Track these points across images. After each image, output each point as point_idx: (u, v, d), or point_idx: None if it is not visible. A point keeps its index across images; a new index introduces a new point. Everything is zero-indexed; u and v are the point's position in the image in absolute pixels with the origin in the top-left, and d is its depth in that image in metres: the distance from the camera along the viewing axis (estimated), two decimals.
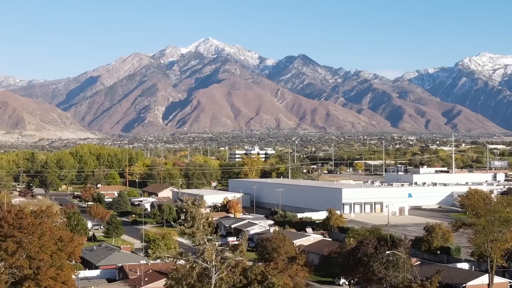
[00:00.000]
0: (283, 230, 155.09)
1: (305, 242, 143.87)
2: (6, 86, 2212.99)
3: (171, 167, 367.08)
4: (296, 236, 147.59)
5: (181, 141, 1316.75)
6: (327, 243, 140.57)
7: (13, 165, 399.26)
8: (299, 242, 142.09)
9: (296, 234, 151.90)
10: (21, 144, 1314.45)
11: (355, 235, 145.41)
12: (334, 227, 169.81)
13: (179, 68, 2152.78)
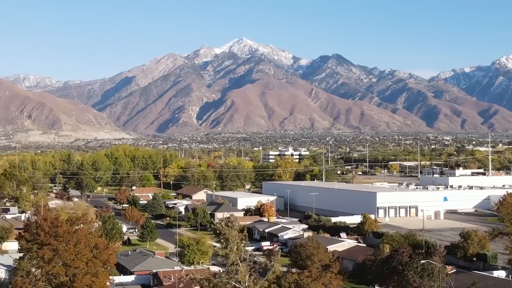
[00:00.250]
0: (317, 235, 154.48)
1: (339, 248, 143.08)
2: (43, 87, 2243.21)
3: (205, 169, 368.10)
4: (330, 242, 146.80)
5: (215, 141, 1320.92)
6: (361, 249, 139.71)
7: (49, 167, 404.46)
8: (333, 247, 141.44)
9: (330, 240, 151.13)
10: (57, 144, 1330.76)
11: (390, 241, 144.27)
12: (368, 232, 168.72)
13: (213, 69, 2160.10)
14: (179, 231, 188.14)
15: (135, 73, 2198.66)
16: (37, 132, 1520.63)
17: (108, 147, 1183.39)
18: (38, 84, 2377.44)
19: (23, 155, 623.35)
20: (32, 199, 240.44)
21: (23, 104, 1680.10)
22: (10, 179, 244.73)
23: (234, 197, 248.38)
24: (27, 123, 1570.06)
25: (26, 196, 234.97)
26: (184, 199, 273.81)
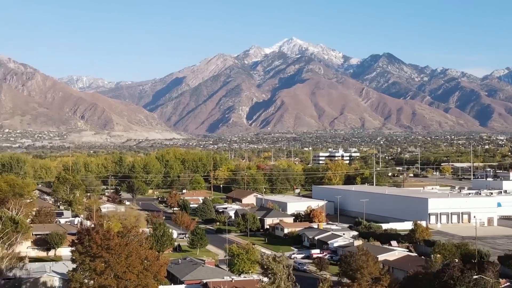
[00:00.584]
0: (367, 244, 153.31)
1: (390, 257, 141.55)
2: (95, 88, 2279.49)
3: (255, 171, 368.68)
4: (380, 251, 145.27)
5: (265, 141, 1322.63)
6: (412, 259, 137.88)
7: (102, 169, 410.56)
8: (384, 257, 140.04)
9: (380, 249, 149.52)
10: (109, 144, 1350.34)
11: (441, 251, 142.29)
12: (419, 240, 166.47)
13: (263, 69, 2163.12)
14: (229, 236, 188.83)
15: (186, 74, 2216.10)
16: (90, 132, 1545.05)
17: (159, 147, 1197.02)
18: (90, 85, 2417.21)
19: (76, 156, 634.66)
20: (84, 203, 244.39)
21: (76, 105, 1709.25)
22: (63, 183, 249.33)
23: (283, 201, 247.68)
24: (80, 124, 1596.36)
25: (79, 200, 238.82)
26: (234, 203, 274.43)
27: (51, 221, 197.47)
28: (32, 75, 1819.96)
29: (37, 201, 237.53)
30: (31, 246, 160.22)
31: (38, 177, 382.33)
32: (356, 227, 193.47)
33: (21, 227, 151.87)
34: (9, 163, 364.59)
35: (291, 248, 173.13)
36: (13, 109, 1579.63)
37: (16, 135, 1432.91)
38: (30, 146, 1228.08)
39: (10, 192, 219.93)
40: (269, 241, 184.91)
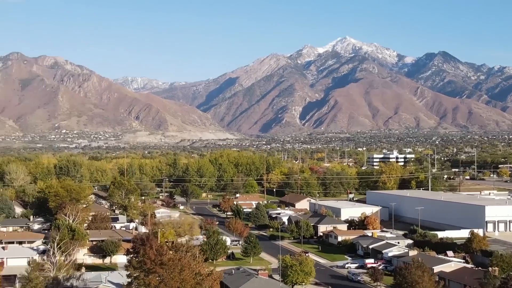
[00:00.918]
0: (422, 254, 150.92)
1: (446, 268, 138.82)
2: (149, 89, 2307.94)
3: (308, 175, 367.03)
4: (436, 262, 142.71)
5: (318, 141, 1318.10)
6: (469, 272, 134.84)
7: (156, 171, 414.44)
8: (439, 268, 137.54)
9: (436, 259, 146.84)
10: (163, 145, 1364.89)
11: (500, 262, 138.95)
12: (476, 250, 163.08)
13: (316, 68, 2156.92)
14: (282, 244, 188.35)
15: (239, 74, 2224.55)
16: (144, 132, 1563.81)
17: (213, 147, 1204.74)
18: (145, 86, 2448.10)
19: (131, 157, 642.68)
20: (139, 207, 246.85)
21: (131, 105, 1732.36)
22: (119, 188, 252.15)
23: (337, 207, 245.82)
24: (134, 124, 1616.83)
25: (134, 205, 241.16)
26: (287, 208, 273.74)
27: (107, 226, 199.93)
28: (88, 77, 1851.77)
29: (93, 206, 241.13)
30: (87, 253, 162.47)
31: (94, 179, 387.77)
32: (411, 235, 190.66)
33: (78, 234, 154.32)
34: (66, 166, 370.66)
35: (344, 257, 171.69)
36: (70, 110, 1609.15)
37: (73, 136, 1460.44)
38: (87, 147, 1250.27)
39: (67, 197, 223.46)
40: (322, 249, 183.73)
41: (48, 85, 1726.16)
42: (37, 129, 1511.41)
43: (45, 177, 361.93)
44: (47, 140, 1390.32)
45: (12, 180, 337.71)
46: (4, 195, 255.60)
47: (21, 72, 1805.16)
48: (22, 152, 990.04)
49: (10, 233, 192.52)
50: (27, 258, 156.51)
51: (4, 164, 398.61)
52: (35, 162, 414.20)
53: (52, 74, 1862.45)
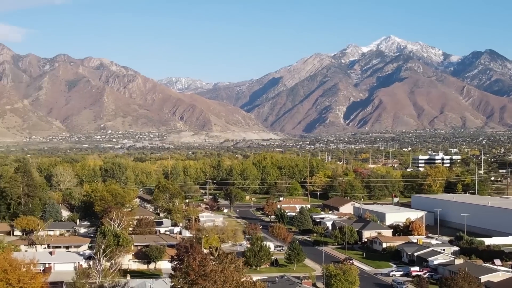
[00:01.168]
0: (468, 263, 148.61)
1: (493, 278, 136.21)
2: (193, 89, 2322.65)
3: (352, 178, 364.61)
4: (483, 271, 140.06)
5: (362, 141, 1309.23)
6: None
7: (200, 173, 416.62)
8: (486, 278, 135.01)
9: (483, 269, 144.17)
10: (207, 145, 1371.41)
11: None
12: None
13: (360, 68, 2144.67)
14: (326, 250, 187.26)
15: (282, 74, 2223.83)
16: (189, 133, 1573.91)
17: (256, 147, 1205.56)
18: (189, 87, 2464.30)
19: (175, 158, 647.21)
20: (183, 210, 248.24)
21: (175, 106, 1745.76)
22: (163, 192, 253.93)
23: (382, 212, 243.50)
24: (179, 125, 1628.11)
25: (178, 208, 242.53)
26: (331, 212, 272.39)
27: (151, 231, 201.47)
28: (133, 78, 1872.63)
29: (138, 210, 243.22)
30: (132, 259, 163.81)
31: (139, 181, 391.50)
32: (457, 242, 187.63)
33: (123, 241, 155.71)
34: (111, 169, 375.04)
35: (389, 264, 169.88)
36: (115, 110, 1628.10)
37: (118, 136, 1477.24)
38: (131, 147, 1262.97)
39: (112, 201, 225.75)
40: (366, 256, 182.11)
41: (93, 86, 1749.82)
42: (83, 129, 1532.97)
43: (91, 179, 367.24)
44: (93, 141, 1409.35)
45: (59, 182, 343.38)
46: (52, 198, 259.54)
47: (68, 73, 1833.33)
48: (69, 153, 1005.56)
49: (57, 238, 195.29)
50: (74, 264, 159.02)
51: (51, 166, 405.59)
52: (81, 164, 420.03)
53: (98, 75, 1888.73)
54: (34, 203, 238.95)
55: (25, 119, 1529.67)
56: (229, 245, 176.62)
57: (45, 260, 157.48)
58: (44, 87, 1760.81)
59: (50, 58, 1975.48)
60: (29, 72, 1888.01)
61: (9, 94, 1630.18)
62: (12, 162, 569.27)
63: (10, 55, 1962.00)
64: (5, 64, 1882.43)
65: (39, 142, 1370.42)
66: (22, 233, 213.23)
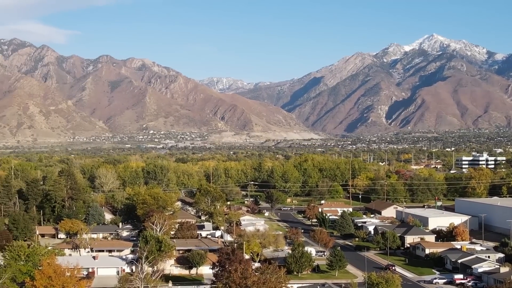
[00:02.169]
0: None
1: None
2: (234, 90, 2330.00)
3: (395, 180, 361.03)
4: None
5: (404, 141, 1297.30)
6: None
7: (241, 175, 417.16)
8: None
9: None
10: (248, 145, 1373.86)
11: None
12: None
13: (402, 67, 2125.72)
14: (368, 255, 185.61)
15: (324, 73, 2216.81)
16: (230, 133, 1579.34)
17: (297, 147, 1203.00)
18: (230, 87, 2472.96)
19: (216, 158, 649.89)
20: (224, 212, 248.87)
21: (216, 106, 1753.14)
22: (205, 195, 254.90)
23: (424, 216, 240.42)
24: (220, 125, 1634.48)
25: (219, 212, 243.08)
26: (373, 216, 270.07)
27: (193, 234, 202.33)
28: (174, 78, 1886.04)
29: (180, 213, 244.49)
30: (174, 264, 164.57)
31: (181, 183, 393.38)
32: (502, 249, 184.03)
33: (164, 246, 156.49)
34: (153, 171, 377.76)
35: (432, 271, 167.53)
36: (157, 111, 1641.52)
37: (160, 136, 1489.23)
38: (173, 147, 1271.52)
39: (154, 205, 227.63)
40: (409, 262, 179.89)
41: (136, 86, 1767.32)
42: (125, 129, 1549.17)
43: (133, 180, 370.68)
44: (135, 141, 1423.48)
45: (102, 184, 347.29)
46: (95, 201, 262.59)
47: (110, 74, 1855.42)
48: (112, 153, 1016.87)
49: (100, 242, 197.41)
50: (116, 268, 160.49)
51: (94, 168, 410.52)
52: (123, 165, 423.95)
53: (140, 76, 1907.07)
54: (77, 206, 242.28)
55: (69, 120, 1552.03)
56: (271, 251, 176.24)
57: (88, 264, 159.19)
58: (87, 88, 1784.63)
59: (93, 59, 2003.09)
60: (72, 73, 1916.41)
61: (53, 95, 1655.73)
62: (56, 163, 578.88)
63: (55, 57, 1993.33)
64: (50, 65, 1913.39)
65: (83, 142, 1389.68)
66: (66, 236, 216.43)
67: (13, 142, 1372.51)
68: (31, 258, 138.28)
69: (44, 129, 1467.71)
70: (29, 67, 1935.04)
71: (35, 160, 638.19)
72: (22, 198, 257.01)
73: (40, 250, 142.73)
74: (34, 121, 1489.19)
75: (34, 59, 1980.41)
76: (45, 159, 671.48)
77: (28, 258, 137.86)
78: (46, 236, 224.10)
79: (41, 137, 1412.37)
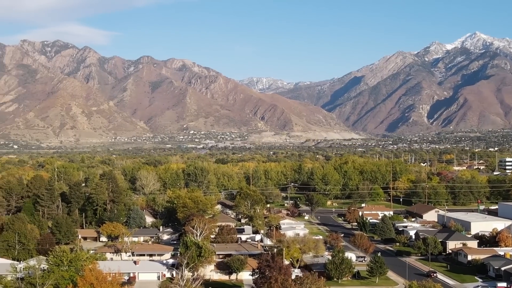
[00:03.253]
0: None
1: None
2: (274, 89, 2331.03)
3: (436, 183, 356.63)
4: None
5: (446, 141, 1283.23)
6: None
7: (281, 176, 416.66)
8: None
9: None
10: (288, 145, 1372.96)
11: None
12: None
13: (444, 65, 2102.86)
14: (409, 261, 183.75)
15: (364, 73, 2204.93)
16: (270, 133, 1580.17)
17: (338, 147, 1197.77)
18: (270, 87, 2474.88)
19: (256, 159, 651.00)
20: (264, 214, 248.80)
21: (256, 106, 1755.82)
22: (245, 198, 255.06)
23: (467, 220, 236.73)
24: (260, 125, 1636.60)
25: (259, 215, 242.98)
26: (415, 219, 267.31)
27: (233, 238, 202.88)
28: (215, 78, 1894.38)
29: (220, 216, 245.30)
30: (214, 269, 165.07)
31: (221, 184, 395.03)
32: None
33: (204, 252, 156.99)
34: (193, 173, 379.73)
35: (475, 278, 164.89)
36: (198, 111, 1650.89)
37: (200, 136, 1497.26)
38: (213, 147, 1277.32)
39: (194, 208, 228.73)
40: (451, 268, 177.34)
41: (176, 87, 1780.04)
42: (166, 130, 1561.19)
43: (174, 182, 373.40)
44: (176, 141, 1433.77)
45: (143, 186, 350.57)
46: (136, 204, 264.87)
47: (151, 75, 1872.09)
48: (152, 153, 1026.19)
49: (141, 246, 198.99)
50: (157, 273, 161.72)
51: (135, 169, 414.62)
52: (164, 167, 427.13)
53: (180, 76, 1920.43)
54: (119, 209, 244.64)
55: (110, 120, 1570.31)
56: (310, 256, 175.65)
57: (129, 269, 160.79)
58: (128, 89, 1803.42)
59: (134, 60, 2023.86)
60: (114, 74, 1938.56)
61: (95, 96, 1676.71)
62: (98, 164, 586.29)
63: (96, 58, 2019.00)
64: (92, 66, 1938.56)
65: (124, 143, 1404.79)
66: (108, 239, 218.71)
67: (56, 142, 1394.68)
68: (73, 264, 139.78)
69: (86, 129, 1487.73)
70: (71, 68, 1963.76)
71: (78, 161, 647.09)
72: (65, 201, 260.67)
73: (82, 255, 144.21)
74: (76, 121, 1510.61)
75: (76, 61, 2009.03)
76: (87, 159, 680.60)
77: (71, 263, 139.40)
78: (88, 239, 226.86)
79: (83, 138, 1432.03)
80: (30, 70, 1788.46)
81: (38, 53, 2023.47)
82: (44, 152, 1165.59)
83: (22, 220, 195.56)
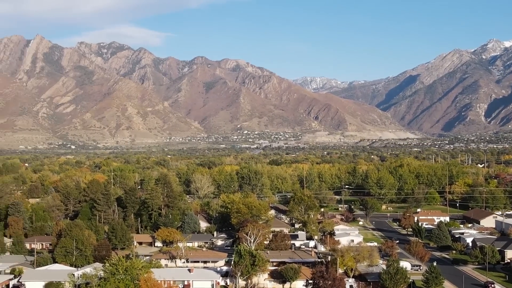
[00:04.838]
0: None
1: None
2: (328, 89, 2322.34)
3: (494, 186, 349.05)
4: None
5: (505, 140, 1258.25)
6: None
7: (335, 179, 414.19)
8: None
9: None
10: (343, 145, 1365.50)
11: None
12: None
13: (502, 63, 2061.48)
14: (466, 270, 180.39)
15: (420, 71, 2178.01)
16: (324, 132, 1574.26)
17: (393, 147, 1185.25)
18: (324, 86, 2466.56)
19: (310, 160, 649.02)
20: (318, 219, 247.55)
21: (310, 106, 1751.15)
22: (298, 204, 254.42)
23: None
24: (314, 124, 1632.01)
25: (313, 220, 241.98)
26: (471, 226, 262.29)
27: (286, 245, 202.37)
28: (268, 78, 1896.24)
29: (273, 221, 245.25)
30: (268, 278, 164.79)
31: (275, 187, 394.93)
32: None
33: (258, 261, 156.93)
34: (247, 176, 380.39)
35: None
36: (251, 111, 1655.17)
37: (254, 136, 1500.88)
38: (267, 147, 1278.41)
39: (248, 214, 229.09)
40: (509, 279, 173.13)
41: (230, 87, 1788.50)
42: (220, 130, 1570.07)
43: (228, 184, 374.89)
44: (230, 141, 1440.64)
45: (197, 189, 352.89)
46: (190, 209, 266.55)
47: (205, 75, 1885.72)
48: (207, 153, 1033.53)
49: (195, 252, 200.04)
50: (211, 281, 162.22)
51: (189, 172, 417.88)
52: (218, 169, 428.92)
53: (234, 76, 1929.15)
54: (173, 213, 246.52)
55: (165, 120, 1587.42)
56: (365, 265, 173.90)
57: (184, 277, 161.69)
58: (183, 89, 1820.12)
59: (188, 61, 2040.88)
60: (169, 75, 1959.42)
61: (150, 97, 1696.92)
62: (154, 165, 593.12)
63: (151, 59, 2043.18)
64: (147, 67, 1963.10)
65: (179, 143, 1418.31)
66: (162, 244, 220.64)
67: (112, 142, 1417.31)
68: (129, 272, 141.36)
69: (142, 130, 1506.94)
70: (127, 70, 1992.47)
71: (133, 161, 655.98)
72: (121, 206, 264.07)
73: (138, 263, 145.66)
74: (132, 122, 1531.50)
75: (131, 62, 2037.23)
76: (142, 160, 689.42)
77: (126, 271, 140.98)
78: (143, 244, 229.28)
79: (138, 138, 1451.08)
80: (87, 71, 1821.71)
81: (95, 55, 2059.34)
82: (100, 152, 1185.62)
83: (79, 227, 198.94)
